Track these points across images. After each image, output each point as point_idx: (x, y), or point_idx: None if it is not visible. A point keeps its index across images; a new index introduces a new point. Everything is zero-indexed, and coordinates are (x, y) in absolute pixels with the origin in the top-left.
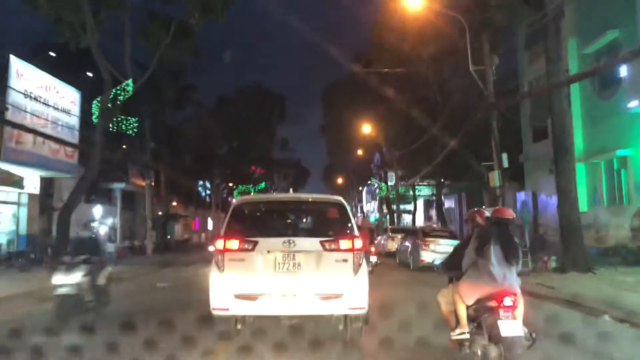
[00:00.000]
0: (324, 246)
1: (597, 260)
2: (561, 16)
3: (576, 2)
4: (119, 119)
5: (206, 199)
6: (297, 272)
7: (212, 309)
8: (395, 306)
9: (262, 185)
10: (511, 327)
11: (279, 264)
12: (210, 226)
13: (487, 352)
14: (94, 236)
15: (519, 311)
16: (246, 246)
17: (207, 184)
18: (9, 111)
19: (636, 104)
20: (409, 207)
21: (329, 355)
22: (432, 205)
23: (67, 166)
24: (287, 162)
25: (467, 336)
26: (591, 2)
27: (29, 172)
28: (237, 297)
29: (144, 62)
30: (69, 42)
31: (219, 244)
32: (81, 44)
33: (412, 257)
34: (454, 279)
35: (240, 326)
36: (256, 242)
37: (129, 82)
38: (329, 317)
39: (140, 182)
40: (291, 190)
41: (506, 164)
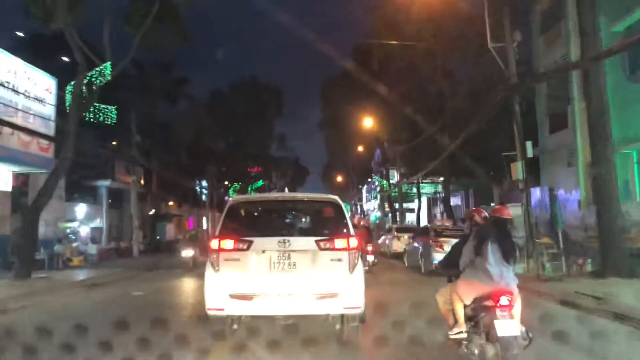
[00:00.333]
0: (319, 245)
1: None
2: None
3: None
4: (98, 107)
5: (201, 197)
6: (293, 272)
7: (208, 309)
8: (409, 321)
9: (259, 183)
10: (507, 327)
11: (274, 263)
12: (205, 226)
13: (484, 351)
14: None
15: (516, 310)
16: (241, 246)
17: (203, 183)
18: None
19: None
20: (411, 205)
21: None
22: (436, 203)
23: (41, 160)
24: (285, 160)
25: (464, 335)
26: None
27: None
28: (232, 297)
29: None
30: (43, 25)
31: (214, 243)
32: (55, 24)
33: (423, 259)
34: (452, 278)
35: (236, 326)
36: (251, 242)
37: (107, 65)
38: (325, 316)
39: (127, 179)
40: (286, 189)
41: (530, 153)
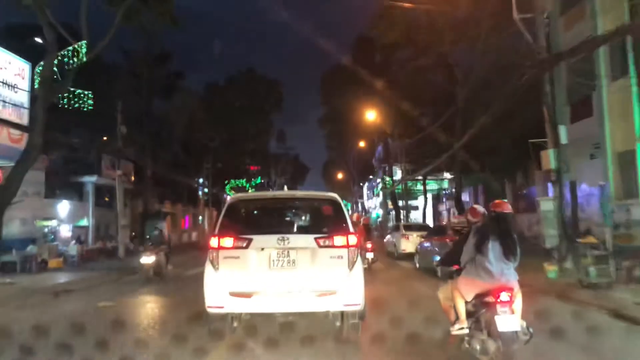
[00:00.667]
0: (318, 243)
1: None
2: None
3: None
4: (73, 93)
5: (197, 195)
6: (292, 269)
7: (207, 307)
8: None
9: (257, 180)
10: (508, 322)
11: (273, 261)
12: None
13: (486, 346)
14: None
15: (517, 306)
16: (240, 244)
17: (200, 180)
18: None
19: None
20: (414, 203)
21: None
22: (441, 200)
23: (11, 152)
24: (284, 157)
25: (466, 331)
26: None
27: None
28: (232, 294)
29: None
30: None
31: (214, 241)
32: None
33: None
34: (454, 275)
35: (236, 324)
36: (250, 240)
37: (82, 44)
38: (325, 313)
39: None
40: (285, 187)
41: (565, 138)
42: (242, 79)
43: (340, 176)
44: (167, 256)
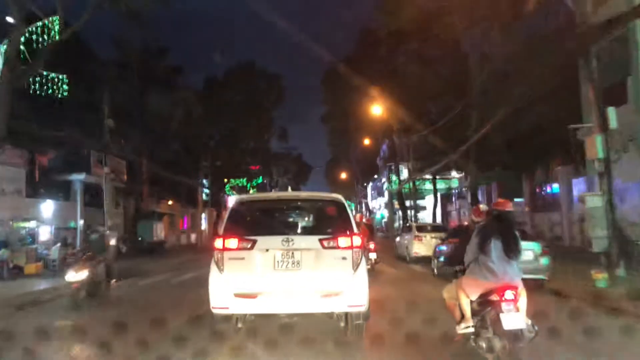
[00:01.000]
0: (322, 244)
1: None
2: None
3: None
4: (46, 76)
5: (196, 195)
6: (297, 270)
7: (212, 307)
8: None
9: (259, 180)
10: (514, 320)
11: (278, 262)
12: (203, 226)
13: (492, 344)
14: None
15: (521, 304)
16: (245, 245)
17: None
18: None
19: None
20: (421, 202)
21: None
22: (451, 199)
23: None
24: (286, 156)
25: (471, 330)
26: None
27: None
28: (237, 295)
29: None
30: None
31: (218, 243)
32: None
33: None
34: (458, 274)
35: (240, 325)
36: (255, 241)
37: (54, 19)
38: (329, 314)
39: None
40: (289, 188)
41: (614, 123)
42: (241, 73)
43: (343, 176)
44: (108, 269)
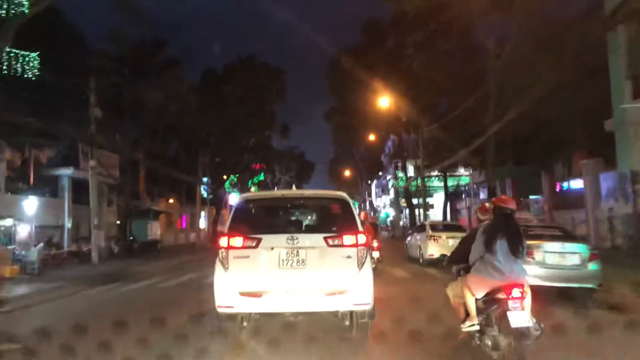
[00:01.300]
0: (327, 242)
1: None
2: None
3: None
4: (15, 54)
5: (195, 192)
6: (302, 269)
7: (217, 306)
8: None
9: (260, 177)
10: (520, 318)
11: (283, 260)
12: (203, 225)
13: (497, 342)
14: None
15: (527, 302)
16: (250, 243)
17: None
18: None
19: None
20: (429, 200)
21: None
22: (460, 197)
23: None
24: (289, 154)
25: (477, 328)
26: None
27: None
28: (242, 294)
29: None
30: None
31: (223, 241)
32: None
33: None
34: (462, 272)
35: (245, 323)
36: (260, 239)
37: None
38: (334, 313)
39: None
40: (294, 186)
41: None
42: (242, 66)
43: (347, 173)
44: None
